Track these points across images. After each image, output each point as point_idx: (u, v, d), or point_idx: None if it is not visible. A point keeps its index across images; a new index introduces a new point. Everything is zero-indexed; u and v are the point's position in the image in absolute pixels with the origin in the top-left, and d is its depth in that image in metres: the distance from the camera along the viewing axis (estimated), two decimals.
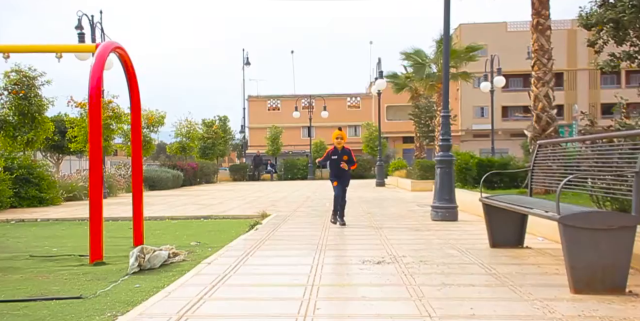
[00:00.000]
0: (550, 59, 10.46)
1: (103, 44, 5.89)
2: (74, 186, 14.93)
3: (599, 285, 3.59)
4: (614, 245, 3.57)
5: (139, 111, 6.84)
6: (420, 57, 22.18)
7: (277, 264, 4.91)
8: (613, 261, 3.58)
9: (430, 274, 4.30)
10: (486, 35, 52.59)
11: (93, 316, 3.40)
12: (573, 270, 3.62)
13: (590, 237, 3.58)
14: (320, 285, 3.94)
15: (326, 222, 8.31)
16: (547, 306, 3.29)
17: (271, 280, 4.19)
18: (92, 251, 5.42)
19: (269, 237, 6.72)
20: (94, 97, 5.52)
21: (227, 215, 10.16)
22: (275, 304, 3.46)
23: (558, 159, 5.16)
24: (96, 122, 5.54)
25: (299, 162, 35.90)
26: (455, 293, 3.69)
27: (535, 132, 10.58)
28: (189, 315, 3.19)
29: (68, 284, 4.41)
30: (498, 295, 3.64)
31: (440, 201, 8.45)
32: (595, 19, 9.57)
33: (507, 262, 4.79)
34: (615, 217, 3.71)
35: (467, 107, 54.64)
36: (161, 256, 5.03)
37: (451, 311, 3.21)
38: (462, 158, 12.93)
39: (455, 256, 5.15)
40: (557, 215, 3.67)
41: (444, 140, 8.66)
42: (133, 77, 6.56)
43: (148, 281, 4.41)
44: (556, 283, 3.90)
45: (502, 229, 5.60)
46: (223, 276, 4.28)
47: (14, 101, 13.65)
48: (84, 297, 3.91)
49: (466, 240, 6.23)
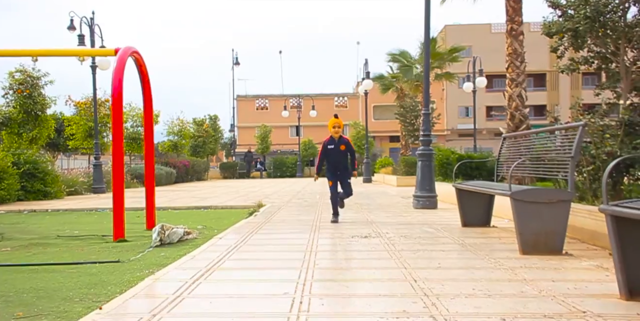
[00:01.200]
0: (522, 62, 11.39)
1: (122, 49, 6.65)
2: (75, 181, 15.64)
3: (542, 248, 4.46)
4: (554, 216, 4.45)
5: (151, 110, 7.61)
6: (405, 58, 23.12)
7: (279, 238, 5.75)
8: (553, 228, 4.46)
9: (408, 244, 5.15)
10: (471, 37, 53.79)
11: (134, 272, 4.20)
12: (521, 236, 4.50)
13: (535, 209, 4.45)
14: (317, 251, 4.78)
15: (317, 210, 9.15)
16: (498, 262, 4.15)
17: (276, 248, 5.03)
18: (116, 230, 6.21)
19: (268, 220, 7.56)
20: (117, 97, 6.30)
21: (226, 205, 10.97)
22: (283, 263, 4.30)
23: (517, 149, 6.05)
24: (118, 120, 6.32)
25: (287, 160, 36.76)
26: (428, 255, 4.55)
27: (509, 129, 11.50)
28: (215, 268, 4.01)
29: (102, 254, 5.21)
30: (462, 256, 4.51)
31: (421, 191, 9.33)
32: (556, 28, 10.56)
33: (474, 236, 5.66)
34: (555, 192, 4.60)
35: (452, 107, 55.76)
36: (178, 233, 5.84)
37: (422, 265, 4.06)
38: (443, 154, 13.85)
39: (431, 232, 6.02)
40: (509, 191, 4.55)
41: (425, 136, 9.54)
42: (146, 79, 7.34)
43: (170, 252, 5.21)
44: (510, 249, 4.77)
45: (472, 211, 6.47)
46: (235, 246, 5.11)
47: (19, 100, 14.32)
48: (121, 261, 4.71)
49: (442, 222, 7.10)
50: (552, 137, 5.41)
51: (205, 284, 3.49)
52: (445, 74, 24.07)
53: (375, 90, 27.84)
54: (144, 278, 3.82)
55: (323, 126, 47.78)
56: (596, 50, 10.97)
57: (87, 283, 3.82)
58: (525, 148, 5.82)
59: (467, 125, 51.73)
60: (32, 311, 3.07)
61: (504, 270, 3.86)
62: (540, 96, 54.31)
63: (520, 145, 6.06)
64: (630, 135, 6.87)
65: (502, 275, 3.69)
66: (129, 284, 3.70)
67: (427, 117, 9.59)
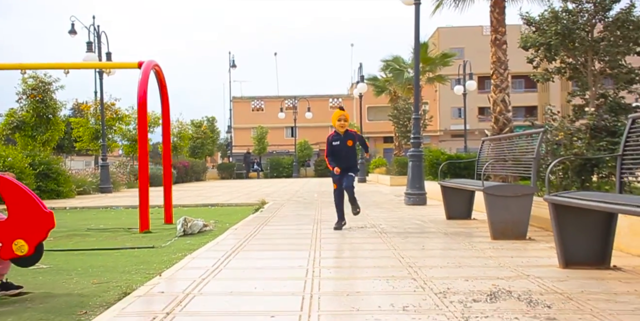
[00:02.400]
0: (506, 69, 12.31)
1: (145, 62, 7.49)
2: (84, 181, 16.44)
3: (509, 234, 5.34)
4: (519, 207, 5.33)
5: (168, 117, 8.46)
6: (398, 63, 24.03)
7: (288, 228, 6.62)
8: (519, 218, 5.34)
9: (398, 233, 6.03)
10: (463, 39, 54.79)
11: (169, 254, 5.05)
12: (492, 224, 5.38)
13: (503, 201, 5.33)
14: (322, 238, 5.65)
15: (317, 207, 10.02)
16: (471, 245, 5.03)
17: (287, 235, 5.91)
18: (142, 223, 7.06)
19: (274, 215, 8.42)
20: (141, 105, 7.15)
21: (231, 203, 11.82)
22: (295, 246, 5.17)
23: (493, 151, 6.94)
24: (143, 126, 7.18)
25: (283, 161, 37.63)
26: (414, 240, 5.43)
27: (493, 132, 12.42)
28: (239, 250, 4.88)
29: (135, 242, 6.05)
30: (442, 241, 5.39)
31: (412, 189, 10.22)
32: (530, 42, 11.53)
33: (456, 227, 6.54)
34: (520, 187, 5.49)
35: (445, 108, 56.72)
36: (199, 225, 6.69)
37: (409, 247, 4.94)
38: (433, 155, 14.74)
39: (418, 224, 6.90)
40: (482, 187, 5.43)
41: (415, 138, 10.44)
42: (164, 89, 8.18)
43: (194, 240, 6.06)
44: (484, 236, 5.64)
45: (455, 205, 7.36)
46: (251, 234, 5.98)
47: (32, 104, 15.13)
48: (156, 247, 5.57)
49: (429, 216, 7.98)
50: (519, 140, 6.29)
51: (235, 260, 4.36)
52: (437, 76, 25.00)
53: (369, 91, 28.74)
54: (182, 258, 4.68)
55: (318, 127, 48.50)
56: (568, 61, 11.96)
57: (135, 262, 4.68)
58: (500, 151, 6.72)
59: (459, 126, 52.64)
60: (103, 280, 3.92)
61: (475, 250, 4.74)
62: (531, 97, 55.42)
63: (495, 148, 6.95)
64: (596, 138, 7.78)
65: (472, 253, 4.57)
66: (170, 262, 4.55)
67: (417, 121, 10.49)
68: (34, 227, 3.26)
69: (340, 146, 6.33)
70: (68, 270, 4.31)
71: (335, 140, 6.37)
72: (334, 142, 6.37)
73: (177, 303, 2.98)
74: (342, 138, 6.35)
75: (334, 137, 6.40)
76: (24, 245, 3.21)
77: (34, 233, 3.25)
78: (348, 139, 6.34)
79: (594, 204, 3.27)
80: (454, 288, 3.27)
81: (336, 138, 6.38)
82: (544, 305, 2.84)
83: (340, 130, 6.38)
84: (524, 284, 3.34)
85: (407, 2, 10.74)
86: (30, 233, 3.24)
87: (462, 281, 3.45)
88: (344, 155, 6.36)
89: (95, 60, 15.87)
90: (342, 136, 6.36)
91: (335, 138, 6.38)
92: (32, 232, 3.25)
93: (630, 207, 2.97)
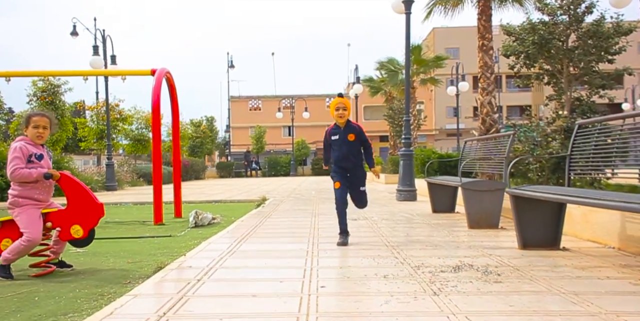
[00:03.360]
0: (492, 73, 13.07)
1: (158, 70, 8.21)
2: (90, 179, 17.14)
3: (484, 223, 6.09)
4: (492, 200, 6.08)
5: (177, 119, 9.17)
6: (392, 64, 24.78)
7: (289, 221, 7.37)
8: (492, 210, 6.10)
9: (387, 224, 6.78)
10: (458, 39, 55.50)
11: (186, 241, 5.78)
12: (468, 215, 6.14)
13: (478, 195, 6.08)
14: (319, 228, 6.40)
15: (314, 203, 10.76)
16: (450, 233, 5.78)
17: (289, 225, 6.65)
18: (156, 216, 7.79)
19: (275, 210, 9.17)
20: (156, 109, 7.88)
21: (233, 199, 12.56)
22: (296, 233, 5.91)
23: (473, 151, 7.70)
24: (157, 128, 7.90)
25: (281, 159, 38.41)
26: (401, 229, 6.18)
27: (481, 132, 13.17)
28: (248, 237, 5.62)
29: (153, 232, 6.78)
30: (425, 230, 6.14)
31: (403, 186, 10.98)
32: (511, 51, 12.33)
33: (439, 219, 7.29)
34: (493, 183, 6.24)
35: (440, 107, 57.47)
36: (208, 218, 7.43)
37: (395, 234, 5.69)
38: (425, 154, 15.54)
39: (406, 217, 7.66)
40: (459, 183, 6.19)
41: (406, 139, 11.20)
42: (174, 94, 8.90)
43: (205, 230, 6.79)
44: (463, 226, 6.39)
45: (440, 200, 8.11)
46: (257, 225, 6.72)
47: (42, 106, 15.84)
48: (172, 236, 6.31)
49: (417, 210, 8.73)
50: (494, 142, 7.03)
51: (246, 244, 5.10)
52: (430, 79, 25.77)
53: (365, 91, 29.51)
54: (199, 244, 5.41)
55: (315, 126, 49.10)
56: (545, 68, 12.78)
57: (158, 247, 5.42)
58: (479, 151, 7.47)
59: (455, 125, 53.49)
60: (135, 260, 4.66)
61: (451, 236, 5.49)
62: (525, 97, 56.25)
63: (475, 148, 7.71)
64: (568, 139, 8.55)
65: (449, 239, 5.32)
66: (189, 247, 5.28)
67: (407, 122, 11.24)
68: (88, 215, 4.00)
69: (339, 141, 5.16)
70: (103, 254, 5.04)
71: (334, 134, 5.20)
72: (332, 136, 5.21)
73: (204, 273, 3.73)
74: (342, 131, 5.16)
75: (332, 130, 5.24)
76: (80, 230, 3.95)
77: (88, 220, 4.00)
78: (349, 133, 5.14)
79: (539, 195, 4.03)
80: (427, 263, 4.02)
81: (335, 132, 5.21)
82: (495, 273, 3.59)
83: (339, 122, 5.17)
84: (485, 260, 4.09)
85: (398, 11, 11.48)
86: (84, 220, 3.98)
87: (435, 259, 4.19)
88: (345, 152, 5.16)
89: (101, 62, 16.61)
90: (342, 129, 5.18)
91: (334, 132, 5.21)
92: (86, 219, 3.99)
93: (565, 197, 3.73)
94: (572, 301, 2.83)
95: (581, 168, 4.67)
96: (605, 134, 4.43)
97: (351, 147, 5.18)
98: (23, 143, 3.93)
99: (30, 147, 3.95)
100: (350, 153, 5.18)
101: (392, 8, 11.72)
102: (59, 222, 4.03)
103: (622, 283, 3.27)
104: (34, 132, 3.95)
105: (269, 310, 2.79)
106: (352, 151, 5.19)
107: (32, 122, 3.94)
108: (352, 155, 5.20)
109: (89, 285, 3.66)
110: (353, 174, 5.29)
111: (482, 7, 12.83)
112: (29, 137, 3.97)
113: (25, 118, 3.99)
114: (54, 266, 4.11)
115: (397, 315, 2.66)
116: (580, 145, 4.74)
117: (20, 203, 3.91)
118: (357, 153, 5.25)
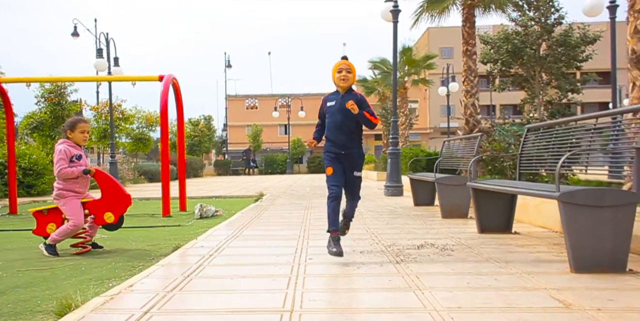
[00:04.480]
0: (476, 77, 13.94)
1: (166, 76, 9.02)
2: None
3: (455, 214, 6.95)
4: (462, 194, 6.93)
5: (182, 122, 10.00)
6: (385, 65, 25.64)
7: (284, 213, 8.22)
8: (462, 202, 6.95)
9: (372, 215, 7.64)
10: (452, 38, 56.23)
11: (194, 229, 6.61)
12: (442, 207, 7.00)
13: (451, 190, 6.94)
14: (310, 219, 7.25)
15: (308, 198, 11.61)
16: (425, 222, 6.64)
17: (284, 216, 7.49)
18: (164, 209, 8.62)
19: (272, 204, 10.01)
20: (163, 113, 8.70)
21: (232, 195, 13.39)
22: (291, 223, 6.76)
23: (451, 150, 8.56)
24: (165, 129, 8.72)
25: (278, 157, 39.29)
26: (383, 219, 7.03)
27: (465, 132, 14.04)
28: (249, 225, 6.47)
29: (163, 223, 7.61)
30: (404, 220, 6.99)
31: (390, 182, 11.85)
32: (487, 59, 13.25)
33: (419, 211, 8.15)
34: (462, 178, 7.10)
35: (434, 105, 58.36)
36: (212, 210, 8.27)
37: (377, 223, 6.55)
38: (413, 152, 16.42)
39: (390, 209, 8.52)
40: (434, 179, 7.05)
41: (394, 138, 12.08)
42: (180, 98, 9.72)
43: (210, 221, 7.63)
44: (438, 216, 7.24)
45: (420, 194, 8.97)
46: (256, 216, 7.57)
47: (49, 106, 16.65)
48: (182, 225, 7.15)
49: (401, 204, 9.60)
50: (467, 142, 7.89)
51: (247, 231, 5.96)
52: (422, 79, 26.65)
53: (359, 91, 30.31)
54: (206, 231, 6.25)
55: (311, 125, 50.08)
56: (520, 73, 13.74)
57: (170, 234, 6.26)
58: (455, 150, 8.33)
59: None
60: (153, 243, 5.50)
61: (425, 225, 6.35)
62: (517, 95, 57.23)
63: (452, 147, 8.57)
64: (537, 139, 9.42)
65: (422, 227, 6.18)
66: (197, 234, 6.11)
67: (395, 123, 12.11)
68: (118, 203, 4.84)
69: (336, 109, 4.21)
70: (124, 239, 5.89)
71: (331, 100, 4.29)
72: (329, 102, 4.30)
73: (215, 250, 4.58)
74: (340, 99, 4.22)
75: (329, 96, 4.36)
76: (111, 216, 4.80)
77: (118, 208, 4.85)
78: (349, 99, 4.10)
79: (491, 187, 4.88)
80: (397, 243, 4.87)
81: (332, 98, 4.30)
82: (450, 249, 4.45)
83: (341, 86, 4.26)
84: (446, 241, 4.95)
85: (387, 19, 12.33)
86: (115, 208, 4.83)
87: (405, 240, 5.05)
88: (339, 121, 4.20)
89: (105, 65, 17.43)
90: (341, 97, 4.24)
91: (332, 98, 4.31)
92: (117, 207, 4.84)
93: (510, 188, 4.58)
94: (500, 267, 3.70)
95: (526, 166, 5.53)
96: (540, 138, 5.29)
97: (349, 118, 4.14)
98: (65, 146, 4.77)
99: (71, 149, 4.79)
100: (345, 125, 4.17)
101: (381, 16, 12.58)
102: (94, 209, 4.87)
103: (547, 255, 4.13)
104: (81, 136, 4.79)
105: (268, 273, 3.64)
106: (348, 123, 4.17)
107: (80, 127, 4.78)
108: (348, 126, 4.18)
109: (121, 260, 4.51)
110: (348, 154, 4.21)
111: (467, 14, 13.71)
112: (73, 140, 4.81)
113: (72, 124, 4.83)
114: (90, 247, 4.95)
115: (367, 276, 3.51)
116: (527, 146, 5.60)
117: (64, 195, 4.75)
118: (355, 128, 4.22)
